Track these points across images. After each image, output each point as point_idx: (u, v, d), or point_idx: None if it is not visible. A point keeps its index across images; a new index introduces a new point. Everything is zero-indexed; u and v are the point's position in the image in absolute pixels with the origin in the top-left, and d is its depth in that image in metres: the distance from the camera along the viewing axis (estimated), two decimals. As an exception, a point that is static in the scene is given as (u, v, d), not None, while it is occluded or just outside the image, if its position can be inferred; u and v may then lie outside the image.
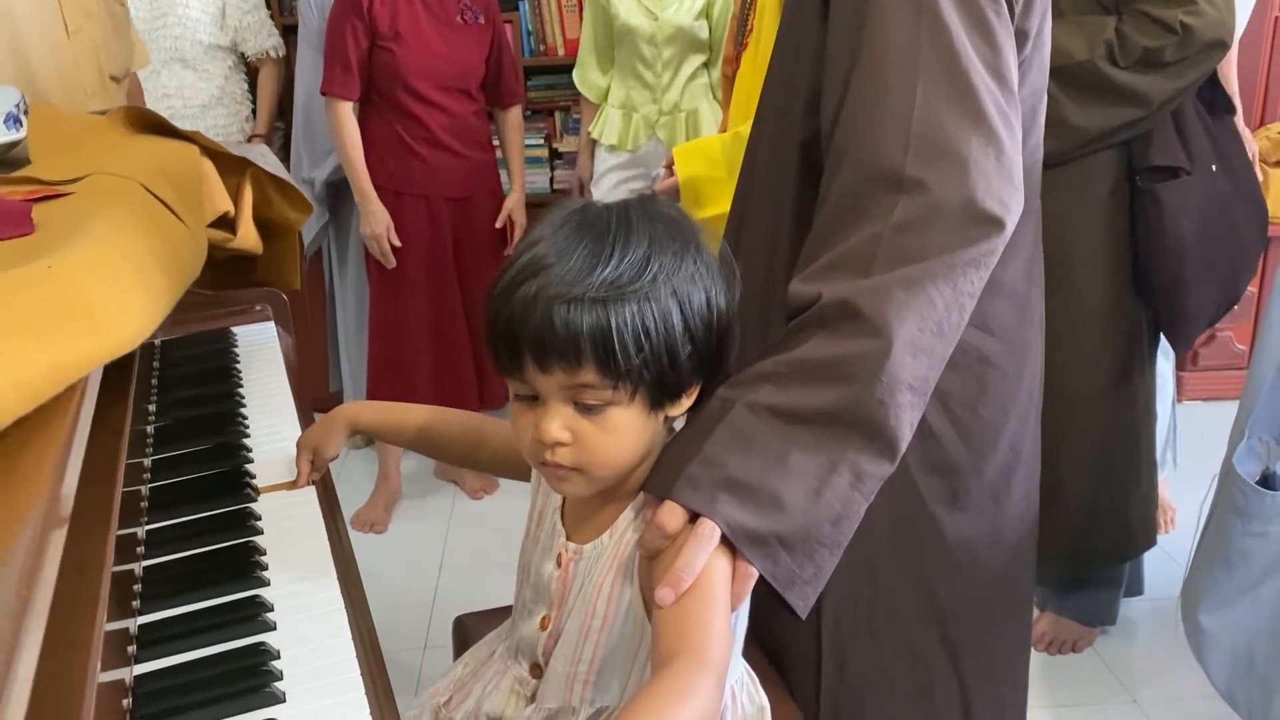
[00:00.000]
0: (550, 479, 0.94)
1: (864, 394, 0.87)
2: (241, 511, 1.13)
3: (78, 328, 0.62)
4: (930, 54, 0.93)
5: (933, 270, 0.89)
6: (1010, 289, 1.12)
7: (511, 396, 0.92)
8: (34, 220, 0.95)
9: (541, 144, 3.40)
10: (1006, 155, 0.93)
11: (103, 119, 1.45)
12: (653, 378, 0.86)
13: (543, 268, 0.85)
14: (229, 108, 3.04)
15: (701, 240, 0.92)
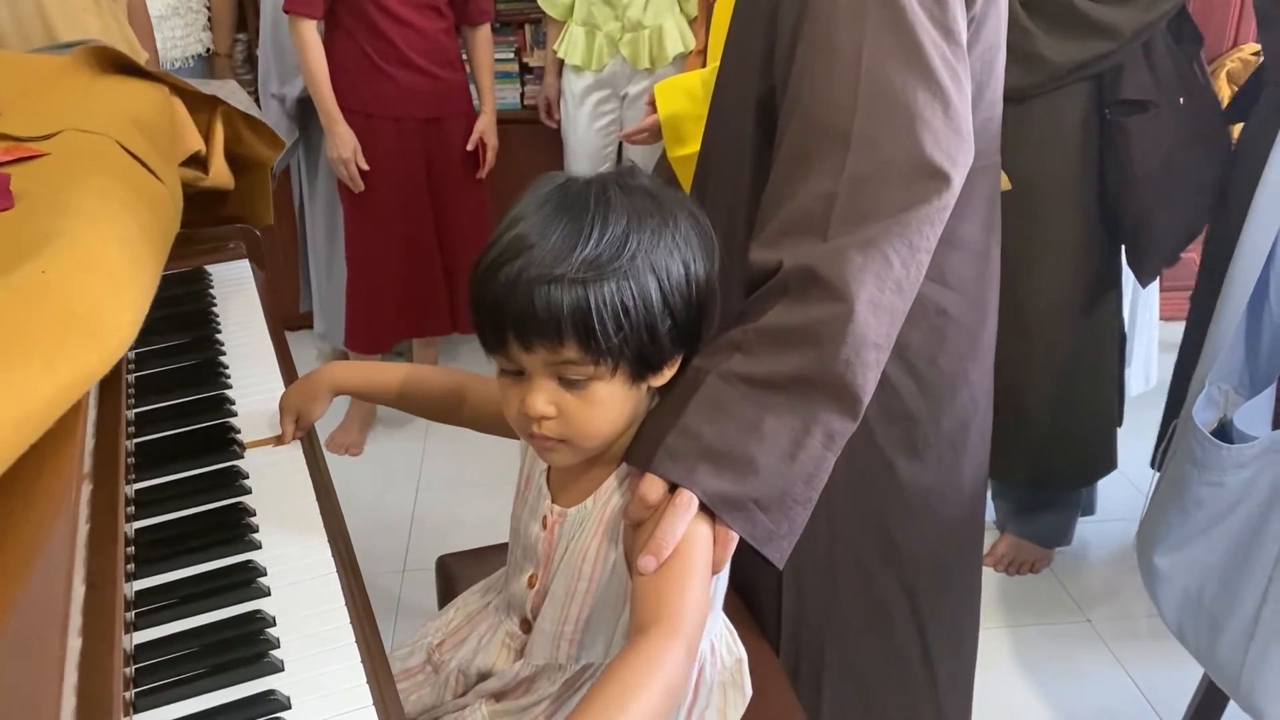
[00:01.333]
0: (538, 450, 0.97)
1: (830, 356, 0.90)
2: (229, 470, 1.15)
3: (80, 343, 0.62)
4: (876, 11, 0.95)
5: (887, 230, 0.92)
6: (968, 242, 1.15)
7: (498, 371, 0.94)
8: (13, 192, 0.94)
9: (511, 58, 3.34)
10: (954, 109, 0.95)
11: (69, 60, 1.41)
12: (633, 352, 0.89)
13: (524, 248, 0.86)
14: (185, 17, 2.96)
15: (680, 213, 0.93)
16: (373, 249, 2.76)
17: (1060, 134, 2.03)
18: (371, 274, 2.78)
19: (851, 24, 0.95)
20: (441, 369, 1.29)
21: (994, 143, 1.19)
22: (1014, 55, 1.35)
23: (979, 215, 1.17)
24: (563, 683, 1.06)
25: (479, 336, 0.92)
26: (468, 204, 2.83)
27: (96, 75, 1.42)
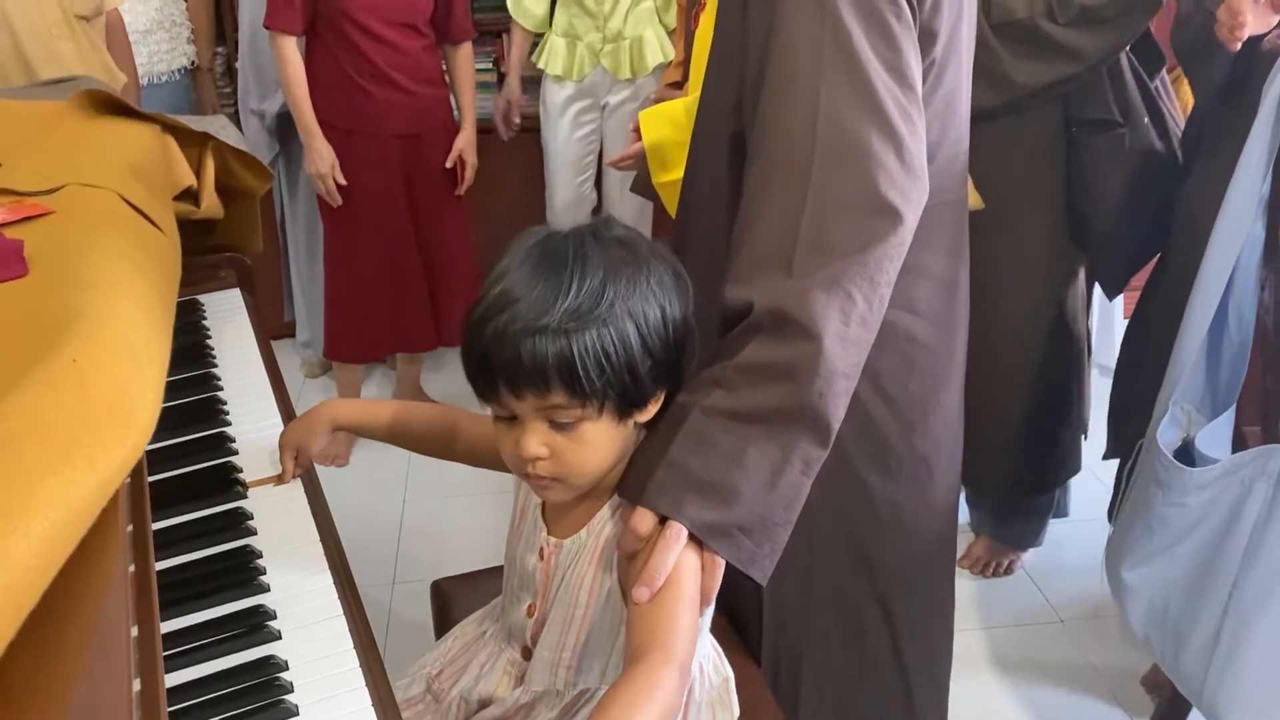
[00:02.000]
0: (534, 488, 1.03)
1: (805, 389, 0.96)
2: (235, 511, 1.19)
3: (116, 433, 0.66)
4: (833, 58, 1.00)
5: (848, 268, 0.98)
6: (934, 272, 1.22)
7: (493, 416, 1.00)
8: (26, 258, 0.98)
9: (490, 68, 3.36)
10: (907, 150, 1.02)
11: (63, 105, 1.44)
12: (617, 393, 0.95)
13: (510, 303, 0.93)
14: (169, 31, 2.97)
15: (654, 260, 0.99)
16: (351, 262, 2.78)
17: (1027, 152, 2.09)
18: (350, 286, 2.81)
19: (810, 71, 1.01)
20: (434, 406, 1.35)
21: (959, 178, 1.25)
22: (982, 76, 1.41)
23: (944, 246, 1.23)
24: (560, 708, 1.11)
25: (472, 386, 0.98)
26: (448, 218, 2.86)
27: (91, 118, 1.45)
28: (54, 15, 2.01)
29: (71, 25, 2.05)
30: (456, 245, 2.91)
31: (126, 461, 0.67)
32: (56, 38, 2.02)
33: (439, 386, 3.25)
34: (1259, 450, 1.32)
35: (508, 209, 3.36)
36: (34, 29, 1.96)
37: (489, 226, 3.23)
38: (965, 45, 1.20)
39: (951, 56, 1.15)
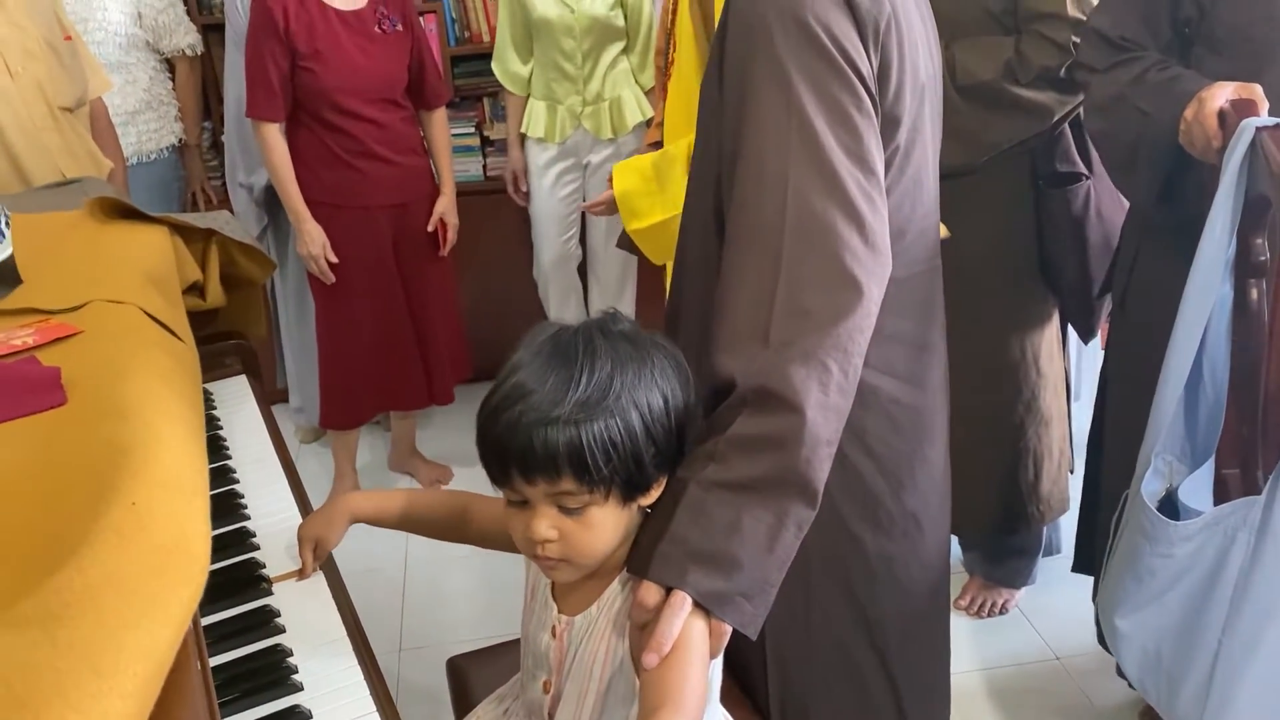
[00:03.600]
0: (543, 569, 1.10)
1: (793, 458, 1.03)
2: (262, 610, 1.23)
3: (179, 574, 0.70)
4: (799, 146, 1.08)
5: (821, 341, 1.05)
6: (906, 335, 1.29)
7: (505, 501, 1.06)
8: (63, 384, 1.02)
9: (472, 132, 3.43)
10: (870, 230, 1.09)
11: (76, 215, 1.49)
12: (623, 480, 1.01)
13: (524, 394, 0.99)
14: (157, 110, 3.03)
15: (657, 352, 1.06)
16: (344, 332, 2.82)
17: (998, 205, 2.17)
18: (344, 356, 2.84)
19: (779, 158, 1.09)
20: (445, 492, 1.40)
21: (930, 250, 1.33)
22: (951, 136, 1.48)
23: (915, 312, 1.31)
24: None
25: (486, 470, 1.04)
26: (435, 280, 2.92)
27: (103, 225, 1.50)
28: (39, 109, 2.04)
29: (56, 118, 2.08)
30: (443, 305, 2.96)
31: (193, 600, 0.72)
32: (42, 130, 2.04)
33: (431, 445, 3.28)
34: (1240, 502, 1.38)
35: (492, 265, 3.42)
36: (19, 125, 1.99)
37: (475, 283, 3.29)
38: (930, 126, 1.27)
39: (917, 139, 1.23)
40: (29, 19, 2.04)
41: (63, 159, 2.08)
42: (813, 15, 1.08)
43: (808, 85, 1.08)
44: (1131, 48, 1.72)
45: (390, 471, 3.24)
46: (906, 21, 1.17)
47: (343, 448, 3.04)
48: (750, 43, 1.11)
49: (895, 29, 1.14)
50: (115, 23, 2.88)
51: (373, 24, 2.65)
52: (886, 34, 1.13)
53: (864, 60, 1.11)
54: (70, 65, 2.16)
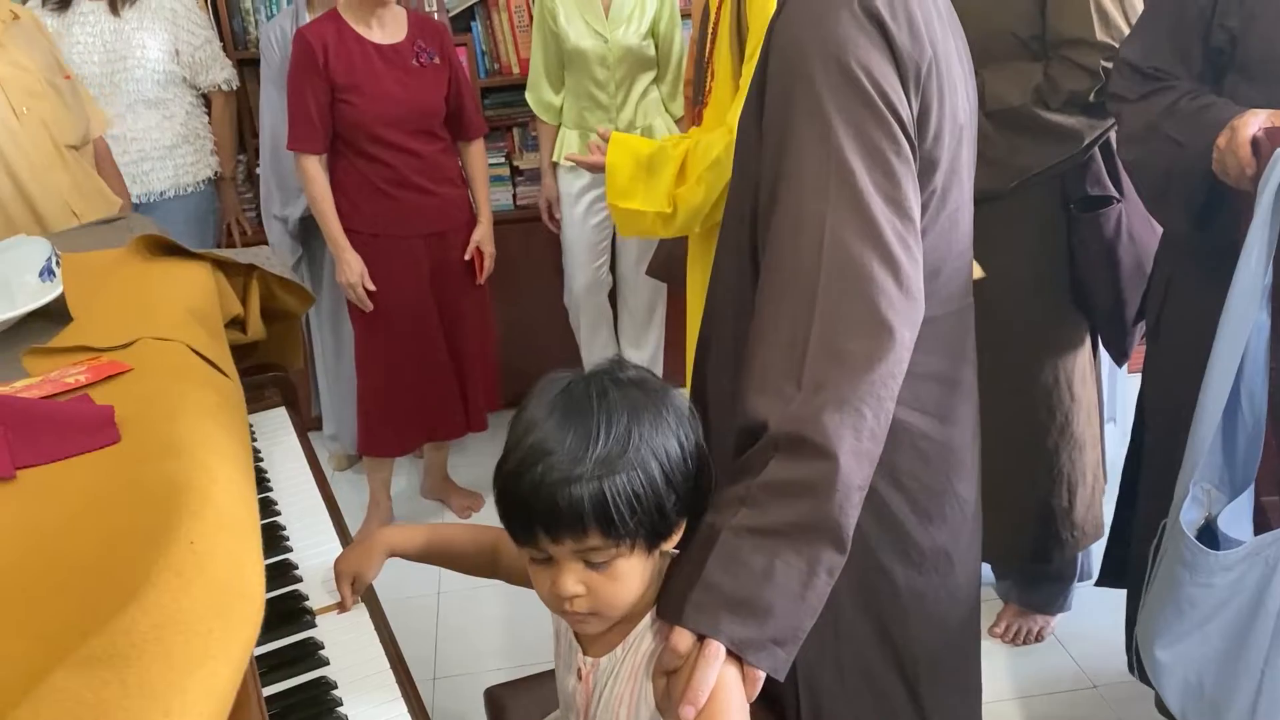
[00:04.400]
0: (570, 623, 1.11)
1: (825, 504, 1.03)
2: (306, 642, 1.24)
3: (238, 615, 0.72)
4: (838, 192, 1.09)
5: (855, 387, 1.05)
6: (937, 373, 1.29)
7: (528, 559, 1.06)
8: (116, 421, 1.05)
9: (503, 162, 3.47)
10: (904, 275, 1.10)
11: (121, 252, 1.52)
12: (648, 529, 1.02)
13: (544, 454, 0.99)
14: (194, 144, 3.08)
15: (666, 395, 1.07)
16: (382, 360, 2.86)
17: (1029, 230, 2.18)
18: (382, 383, 2.88)
19: (817, 202, 1.09)
20: (477, 528, 1.41)
21: (963, 289, 1.33)
22: (982, 161, 1.49)
23: (947, 350, 1.32)
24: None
25: (508, 530, 1.05)
26: (471, 308, 2.95)
27: (148, 262, 1.53)
28: (46, 148, 2.06)
29: (63, 156, 2.10)
30: (480, 333, 2.99)
31: (252, 639, 0.73)
32: (51, 169, 2.07)
33: (464, 472, 3.31)
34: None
35: (523, 293, 3.45)
36: (29, 164, 2.01)
37: (506, 311, 3.32)
38: (966, 167, 1.28)
39: (954, 181, 1.23)
40: (30, 59, 2.08)
41: (72, 197, 2.11)
42: (854, 59, 1.09)
43: (847, 129, 1.08)
44: (1163, 77, 1.72)
45: (422, 498, 3.27)
46: (946, 63, 1.18)
47: (378, 476, 3.06)
48: (791, 83, 1.11)
49: (935, 72, 1.15)
50: (153, 60, 2.94)
51: (410, 57, 2.69)
52: (927, 78, 1.14)
53: (904, 105, 1.11)
54: (72, 104, 2.19)
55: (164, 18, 2.95)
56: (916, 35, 1.12)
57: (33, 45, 2.13)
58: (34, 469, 1.00)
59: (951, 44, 1.22)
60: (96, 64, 2.90)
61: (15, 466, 0.99)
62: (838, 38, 1.09)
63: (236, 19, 3.28)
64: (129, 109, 2.95)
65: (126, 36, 2.90)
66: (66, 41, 2.89)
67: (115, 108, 2.93)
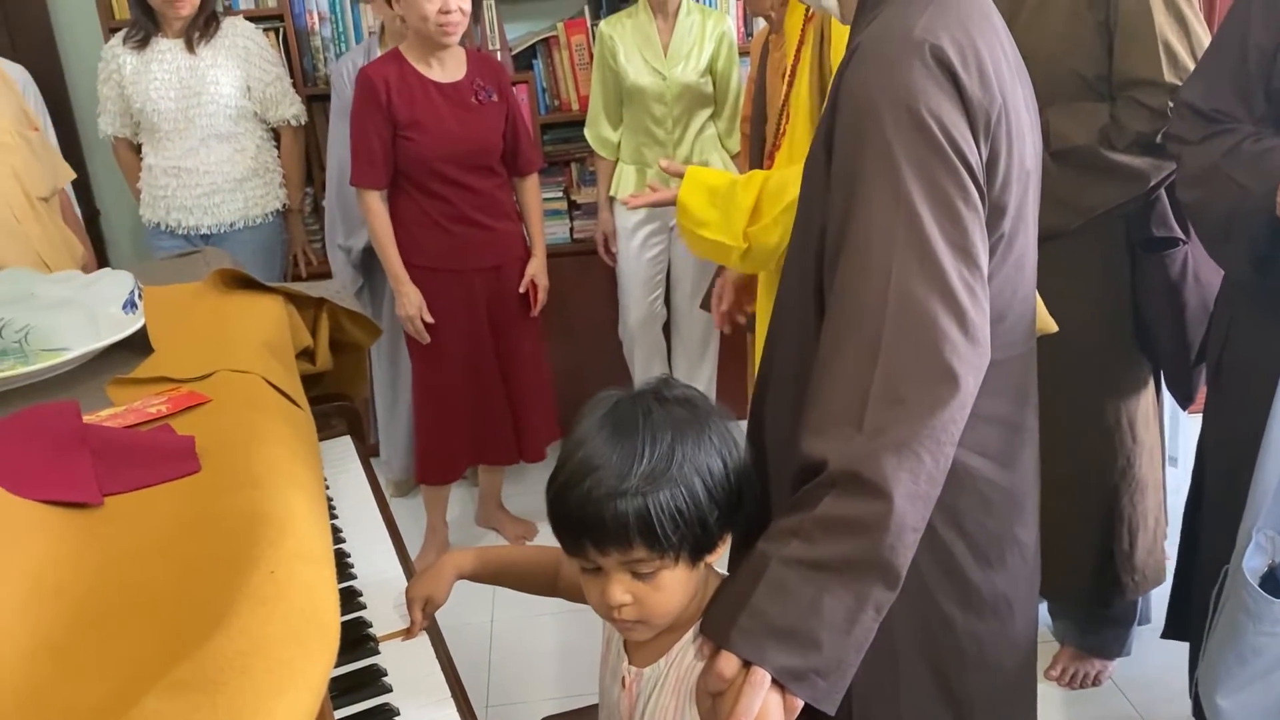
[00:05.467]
0: (619, 630, 1.15)
1: (877, 544, 1.05)
2: (370, 669, 1.27)
3: (317, 643, 0.75)
4: (905, 238, 1.10)
5: (916, 431, 1.06)
6: (1000, 417, 1.29)
7: (579, 568, 1.12)
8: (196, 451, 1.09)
9: (560, 196, 3.52)
10: (970, 322, 1.10)
11: (199, 285, 1.58)
12: (691, 543, 1.07)
13: (591, 469, 1.05)
14: (263, 178, 3.17)
15: (712, 413, 1.11)
16: (439, 392, 2.91)
17: (1093, 269, 2.16)
18: (439, 414, 2.93)
19: (884, 247, 1.10)
20: (538, 549, 1.45)
21: (1026, 333, 1.34)
22: (1046, 199, 1.49)
23: (1011, 394, 1.32)
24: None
25: (560, 541, 1.11)
26: (525, 339, 3.00)
27: (225, 295, 1.59)
28: (18, 200, 2.09)
29: (34, 207, 2.14)
30: (533, 364, 3.03)
31: (329, 666, 0.76)
32: (22, 221, 2.10)
33: (517, 501, 3.34)
34: (1346, 580, 1.36)
35: (578, 325, 3.49)
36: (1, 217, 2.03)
37: (562, 342, 3.36)
38: (1032, 212, 1.29)
39: (1020, 226, 1.24)
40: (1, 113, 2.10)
41: (42, 246, 2.13)
42: (925, 106, 1.10)
43: (916, 175, 1.09)
44: (1225, 120, 1.72)
45: (477, 526, 3.30)
46: (1015, 110, 1.19)
47: (435, 503, 3.11)
48: (860, 128, 1.12)
49: (1005, 119, 1.16)
50: (226, 95, 3.03)
51: (469, 95, 2.75)
52: (996, 125, 1.14)
53: (973, 152, 1.12)
54: (42, 155, 2.23)
55: (237, 55, 3.05)
56: (986, 83, 1.14)
57: (3, 99, 2.17)
58: (119, 496, 1.04)
59: (1019, 90, 1.23)
60: (172, 99, 3.00)
61: (103, 494, 1.03)
62: (909, 85, 1.10)
63: (307, 56, 3.38)
64: (202, 143, 3.05)
65: (201, 73, 3.01)
66: (144, 77, 3.00)
67: (189, 142, 3.03)
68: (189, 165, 3.04)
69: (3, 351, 1.35)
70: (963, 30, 1.14)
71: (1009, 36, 1.27)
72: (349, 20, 3.38)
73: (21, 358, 1.34)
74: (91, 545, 0.94)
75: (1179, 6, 2.00)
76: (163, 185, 3.08)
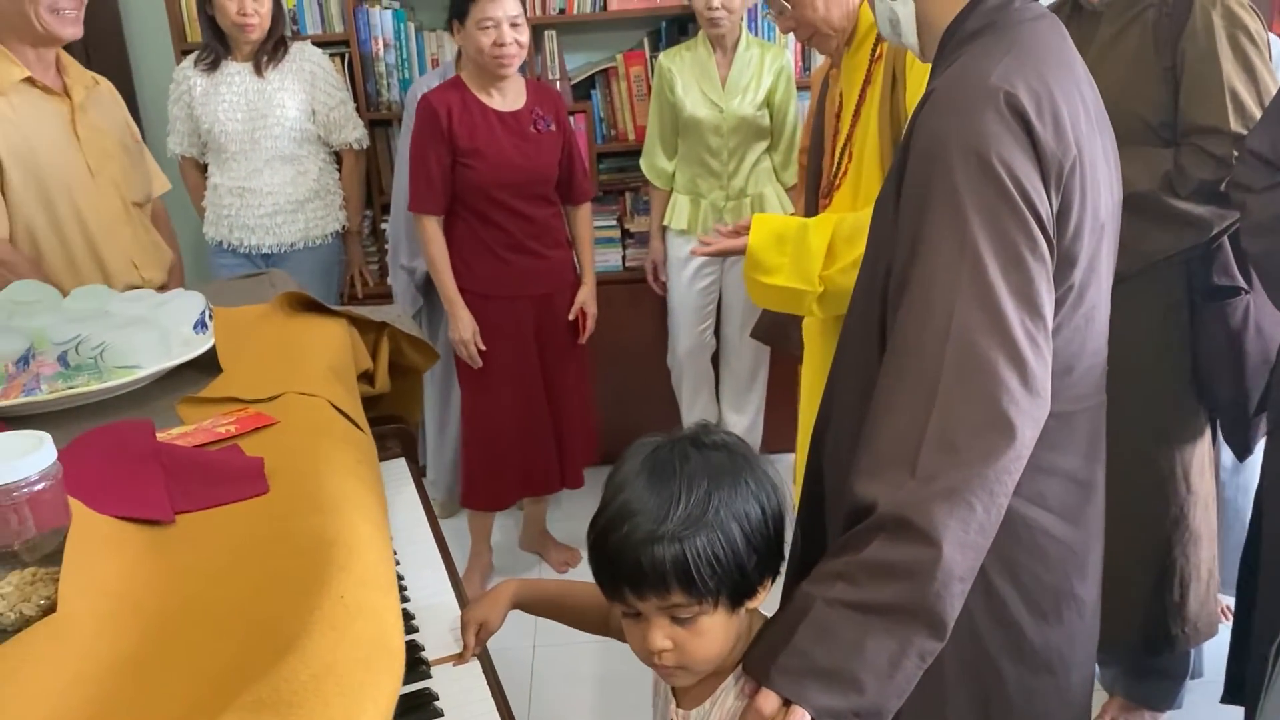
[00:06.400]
0: (660, 675, 1.16)
1: (923, 591, 1.04)
2: (422, 692, 1.29)
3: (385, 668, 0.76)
4: (969, 284, 1.10)
5: (969, 480, 1.06)
6: (1069, 472, 1.28)
7: (621, 613, 1.12)
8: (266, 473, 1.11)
9: (614, 224, 3.56)
10: (1031, 373, 1.10)
11: (266, 307, 1.62)
12: (730, 589, 1.07)
13: (629, 514, 1.06)
14: (324, 199, 3.23)
15: (750, 459, 1.11)
16: (488, 417, 2.94)
17: (1152, 316, 2.15)
18: (487, 439, 2.95)
19: (947, 293, 1.10)
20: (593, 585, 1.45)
21: (1096, 386, 1.32)
22: None
23: (1080, 448, 1.30)
24: None
25: (600, 587, 1.11)
26: (573, 367, 3.02)
27: (290, 317, 1.62)
28: (114, 204, 2.25)
29: (129, 211, 2.29)
30: (580, 391, 3.05)
31: (395, 692, 0.78)
32: (116, 223, 2.25)
33: (561, 527, 3.35)
34: None
35: (628, 352, 3.50)
36: (98, 217, 2.19)
37: (610, 369, 3.38)
38: (1106, 265, 1.27)
39: (1092, 279, 1.23)
40: (105, 123, 2.27)
41: (133, 250, 2.28)
42: (996, 154, 1.10)
43: (984, 223, 1.09)
44: (1292, 169, 1.71)
45: (521, 551, 3.32)
46: (1091, 160, 1.18)
47: (480, 528, 3.13)
48: (930, 172, 1.13)
49: (1079, 170, 1.15)
50: (292, 119, 3.10)
51: (528, 124, 2.79)
52: (1069, 175, 1.14)
53: (1044, 202, 1.12)
54: (139, 164, 2.39)
55: (304, 79, 3.12)
56: (1061, 133, 1.13)
57: (109, 110, 2.33)
58: (189, 515, 1.07)
59: (1098, 141, 1.22)
60: (239, 121, 3.07)
61: (174, 511, 1.06)
62: (981, 132, 1.10)
63: (371, 81, 3.45)
64: (266, 164, 3.11)
65: (268, 96, 3.08)
66: (213, 99, 3.08)
67: (254, 163, 3.10)
68: (253, 186, 3.11)
69: (78, 367, 1.40)
70: (1040, 79, 1.14)
71: (1092, 86, 1.26)
72: (413, 47, 3.45)
73: (96, 374, 1.38)
74: (164, 562, 0.97)
75: (1247, 54, 1.98)
76: (227, 204, 3.15)
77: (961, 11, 1.24)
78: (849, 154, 2.05)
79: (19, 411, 1.34)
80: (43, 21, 2.08)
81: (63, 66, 2.23)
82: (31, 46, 2.13)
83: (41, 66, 2.16)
